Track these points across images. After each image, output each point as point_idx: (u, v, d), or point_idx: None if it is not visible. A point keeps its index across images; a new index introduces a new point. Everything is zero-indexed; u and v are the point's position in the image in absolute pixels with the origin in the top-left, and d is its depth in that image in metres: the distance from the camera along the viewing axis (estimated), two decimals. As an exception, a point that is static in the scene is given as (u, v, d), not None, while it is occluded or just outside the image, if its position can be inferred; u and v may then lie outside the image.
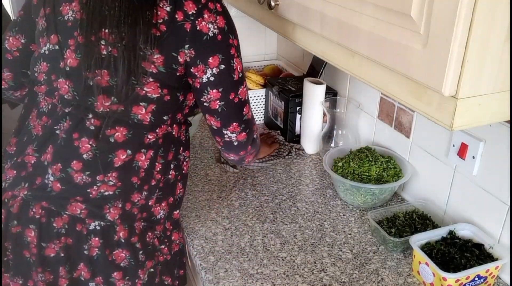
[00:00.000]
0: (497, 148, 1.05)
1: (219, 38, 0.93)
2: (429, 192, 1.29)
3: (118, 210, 1.01)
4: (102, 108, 0.94)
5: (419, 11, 0.67)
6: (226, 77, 0.97)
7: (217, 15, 0.92)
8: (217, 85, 0.97)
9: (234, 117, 1.02)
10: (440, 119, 0.71)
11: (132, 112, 0.95)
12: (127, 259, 1.04)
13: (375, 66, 0.81)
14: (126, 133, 0.97)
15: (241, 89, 1.01)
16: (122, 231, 1.02)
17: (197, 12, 0.90)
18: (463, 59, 0.64)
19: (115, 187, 0.99)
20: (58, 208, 0.99)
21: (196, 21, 0.90)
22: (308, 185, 1.43)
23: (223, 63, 0.95)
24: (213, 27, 0.92)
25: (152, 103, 0.95)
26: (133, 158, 0.99)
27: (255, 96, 1.77)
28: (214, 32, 0.92)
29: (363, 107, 1.50)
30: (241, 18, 1.97)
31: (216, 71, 0.95)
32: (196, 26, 0.90)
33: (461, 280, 1.00)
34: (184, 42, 0.91)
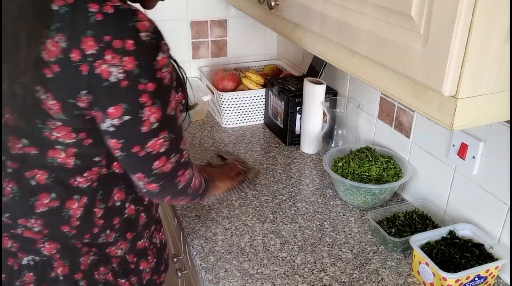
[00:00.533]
0: (497, 148, 1.05)
1: (124, 84, 0.75)
2: (429, 192, 1.29)
3: (56, 245, 0.90)
4: (16, 150, 0.84)
5: (419, 11, 0.67)
6: (130, 129, 0.79)
7: (124, 56, 0.73)
8: (117, 135, 0.80)
9: (138, 169, 0.85)
10: (440, 119, 0.71)
11: (48, 156, 0.84)
12: None
13: (375, 66, 0.81)
14: (47, 176, 0.85)
15: (153, 142, 0.81)
16: (61, 267, 0.91)
17: (97, 52, 0.73)
18: (463, 59, 0.64)
19: (42, 234, 0.89)
20: None
21: (94, 63, 0.73)
22: (308, 185, 1.43)
23: (127, 113, 0.77)
24: (117, 71, 0.74)
25: (70, 147, 0.83)
26: (63, 206, 0.87)
27: (255, 96, 1.77)
28: (118, 77, 0.74)
29: (363, 107, 1.50)
30: (241, 18, 1.97)
31: (118, 122, 0.78)
32: (94, 69, 0.73)
33: (461, 280, 1.00)
34: (80, 87, 0.75)
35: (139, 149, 0.81)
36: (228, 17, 1.97)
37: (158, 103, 0.79)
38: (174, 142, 0.85)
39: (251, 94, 1.76)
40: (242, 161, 1.41)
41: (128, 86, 0.75)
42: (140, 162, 0.84)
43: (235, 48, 2.03)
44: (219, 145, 1.66)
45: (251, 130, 1.77)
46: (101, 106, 0.77)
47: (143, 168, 0.85)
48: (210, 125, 1.81)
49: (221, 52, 2.02)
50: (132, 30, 0.74)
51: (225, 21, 1.97)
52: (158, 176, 0.86)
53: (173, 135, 0.85)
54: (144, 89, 0.77)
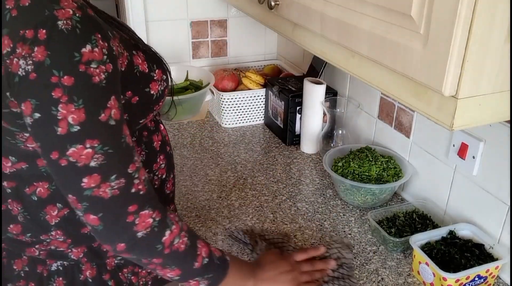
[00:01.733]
0: (497, 148, 1.05)
1: (32, 77, 0.66)
2: (429, 192, 1.29)
3: (83, 248, 0.88)
4: (9, 169, 0.81)
5: (419, 11, 0.67)
6: (44, 130, 0.69)
7: (35, 46, 0.65)
8: (35, 138, 0.71)
9: (66, 187, 0.73)
10: (440, 119, 0.71)
11: (39, 166, 0.80)
12: None
13: (375, 66, 0.81)
14: (48, 186, 0.81)
15: (75, 150, 0.69)
16: (90, 270, 0.89)
17: (11, 49, 0.67)
18: (463, 59, 0.64)
19: (67, 244, 0.86)
20: (16, 250, 0.88)
21: (7, 61, 0.67)
22: (308, 185, 1.44)
23: (37, 110, 0.68)
24: (25, 64, 0.66)
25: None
26: (73, 212, 0.82)
27: (255, 96, 1.77)
28: (26, 69, 0.66)
29: (363, 107, 1.50)
30: (241, 18, 1.97)
31: (30, 121, 0.69)
32: (8, 67, 0.67)
33: (461, 280, 1.00)
34: (5, 90, 0.69)
35: (58, 156, 0.70)
36: (228, 17, 1.97)
37: (79, 102, 0.68)
38: (113, 159, 0.72)
39: (251, 94, 1.76)
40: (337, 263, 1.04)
41: (37, 78, 0.66)
42: (66, 176, 0.71)
43: (235, 48, 2.03)
44: (219, 145, 1.66)
45: (251, 130, 1.77)
46: (19, 105, 0.70)
47: (71, 185, 0.72)
48: (210, 125, 1.81)
49: (221, 52, 2.02)
50: (48, 18, 0.66)
51: (225, 21, 1.97)
52: (93, 202, 0.72)
53: (112, 150, 0.71)
54: (57, 83, 0.66)
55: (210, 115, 1.89)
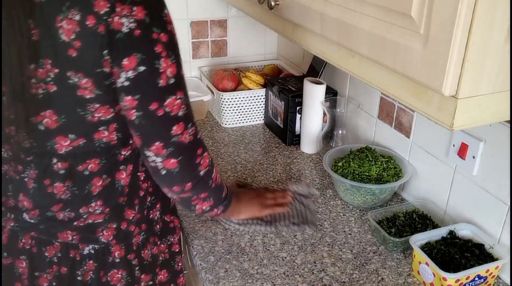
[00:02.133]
0: (497, 148, 1.05)
1: (137, 33, 0.75)
2: (429, 192, 1.29)
3: (112, 231, 0.95)
4: (64, 149, 0.85)
5: (419, 11, 0.67)
6: (146, 82, 0.78)
7: (133, 6, 0.74)
8: (133, 91, 0.79)
9: (157, 135, 0.83)
10: (440, 119, 0.71)
11: (96, 140, 0.86)
12: (124, 278, 0.99)
13: (375, 66, 0.81)
14: (99, 161, 0.88)
15: (171, 101, 0.80)
16: (118, 251, 0.97)
17: (110, 8, 0.73)
18: (463, 59, 0.64)
19: (104, 214, 0.93)
20: (48, 237, 0.93)
21: (108, 19, 0.74)
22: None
23: (142, 64, 0.77)
24: (128, 22, 0.74)
25: (110, 123, 0.85)
26: (113, 180, 0.90)
27: (255, 96, 1.77)
28: (130, 27, 0.74)
29: (363, 107, 1.50)
30: (241, 18, 1.97)
31: (133, 75, 0.77)
32: (109, 25, 0.74)
33: (461, 280, 1.00)
34: (102, 49, 0.76)
35: (157, 107, 0.80)
36: (228, 17, 1.97)
37: (173, 57, 0.79)
38: (189, 109, 0.85)
39: (251, 94, 1.76)
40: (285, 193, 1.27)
41: (141, 35, 0.75)
42: (159, 125, 0.81)
43: (235, 48, 2.03)
44: (219, 145, 1.66)
45: (251, 130, 1.77)
46: (116, 61, 0.77)
47: (162, 134, 0.82)
48: (210, 125, 1.81)
49: (221, 52, 2.02)
50: None
51: (225, 21, 1.97)
52: (177, 147, 0.84)
53: (188, 101, 0.84)
54: (158, 39, 0.77)
55: (210, 115, 1.89)
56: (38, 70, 0.78)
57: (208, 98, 1.78)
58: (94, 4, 0.73)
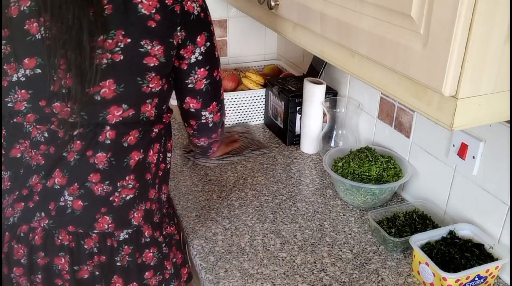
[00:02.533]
0: (497, 148, 1.05)
1: (202, 15, 0.95)
2: (429, 192, 1.29)
3: (141, 212, 1.01)
4: (115, 119, 0.93)
5: (419, 11, 0.67)
6: (211, 55, 1.00)
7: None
8: (205, 63, 0.99)
9: (215, 96, 1.05)
10: (440, 119, 0.71)
11: (141, 112, 0.95)
12: (155, 256, 1.05)
13: (375, 66, 0.81)
14: (138, 134, 0.97)
15: (219, 68, 1.04)
16: (147, 231, 1.03)
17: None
18: (463, 59, 0.64)
19: (134, 189, 0.99)
20: (85, 229, 0.97)
21: (183, 2, 0.92)
22: (308, 185, 1.44)
23: (208, 40, 0.97)
24: (196, 6, 0.94)
25: (155, 97, 0.96)
26: (146, 156, 0.99)
27: (255, 96, 1.77)
28: (198, 10, 0.94)
29: (363, 107, 1.50)
30: (241, 18, 1.97)
31: (204, 49, 0.97)
32: (184, 7, 0.92)
33: (461, 280, 1.00)
34: (176, 25, 0.91)
35: (217, 73, 1.02)
36: (228, 17, 1.97)
37: (215, 36, 1.00)
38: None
39: (251, 94, 1.76)
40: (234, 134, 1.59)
41: (204, 17, 0.96)
42: (216, 88, 1.04)
43: (235, 48, 2.03)
44: (219, 145, 1.66)
45: (251, 130, 1.77)
46: (191, 39, 0.94)
47: (217, 94, 1.05)
48: (210, 125, 1.81)
49: (221, 52, 2.02)
50: None
51: (225, 21, 1.97)
52: (222, 103, 1.09)
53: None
54: (210, 20, 0.98)
55: (210, 115, 1.89)
56: (107, 41, 0.87)
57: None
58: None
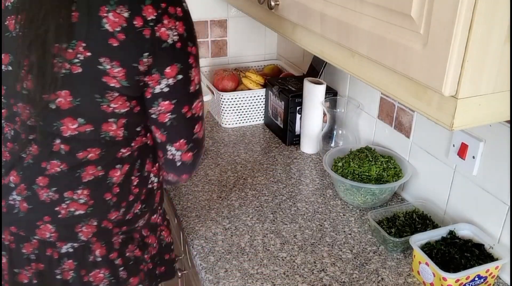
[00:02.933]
0: (497, 148, 1.05)
1: (178, 45, 0.85)
2: (429, 192, 1.29)
3: (93, 228, 0.94)
4: (69, 132, 0.87)
5: (419, 11, 0.67)
6: (182, 89, 0.89)
7: (177, 21, 0.85)
8: (170, 97, 0.89)
9: (183, 133, 0.94)
10: (440, 119, 0.71)
11: (102, 131, 0.88)
12: (106, 278, 0.97)
13: (375, 66, 0.81)
14: (100, 152, 0.90)
15: (196, 103, 0.93)
16: (99, 249, 0.95)
17: (156, 17, 0.82)
18: (463, 59, 0.64)
19: (87, 205, 0.92)
20: (26, 232, 0.93)
21: (155, 27, 0.82)
22: (308, 185, 1.44)
23: (180, 73, 0.88)
24: (173, 34, 0.84)
25: (122, 118, 0.89)
26: (106, 175, 0.92)
27: (255, 96, 1.77)
28: (174, 39, 0.84)
29: (363, 107, 1.50)
30: (241, 18, 1.97)
31: (173, 82, 0.88)
32: (155, 32, 0.83)
33: (461, 280, 1.00)
34: (143, 50, 0.83)
35: (187, 110, 0.92)
36: (228, 17, 1.97)
37: (198, 66, 0.91)
38: (203, 108, 0.97)
39: (251, 94, 1.76)
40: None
41: (181, 47, 0.86)
42: (186, 125, 0.93)
43: (235, 48, 2.03)
44: (219, 145, 1.66)
45: (251, 130, 1.77)
46: (159, 67, 0.85)
47: (187, 132, 0.94)
48: (210, 125, 1.81)
49: (221, 52, 2.02)
50: (178, 0, 0.86)
51: (225, 21, 1.97)
52: (195, 143, 0.97)
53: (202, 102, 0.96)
54: (191, 52, 0.88)
55: (210, 115, 1.89)
56: (67, 50, 0.82)
57: (208, 98, 1.78)
58: (143, 8, 0.81)
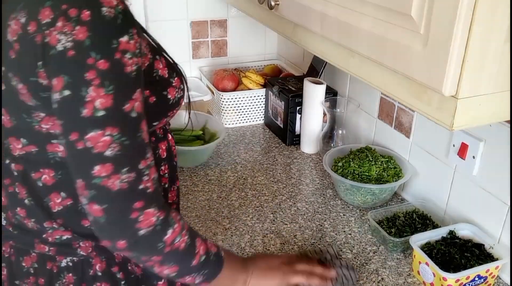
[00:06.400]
0: (497, 148, 1.05)
1: (70, 54, 0.68)
2: (429, 192, 1.29)
3: (90, 243, 0.87)
4: (18, 151, 0.80)
5: (419, 11, 0.67)
6: (69, 108, 0.70)
7: (77, 25, 0.67)
8: (58, 115, 0.71)
9: (77, 171, 0.72)
10: (440, 119, 0.71)
11: (49, 152, 0.78)
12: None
13: (375, 66, 0.81)
14: (54, 174, 0.80)
15: (94, 135, 0.69)
16: (99, 264, 0.89)
17: (51, 20, 0.68)
18: (463, 59, 0.64)
19: (70, 231, 0.85)
20: (25, 246, 0.88)
21: (46, 31, 0.68)
22: (308, 185, 1.44)
23: (68, 88, 0.68)
24: (66, 40, 0.67)
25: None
26: (76, 202, 0.81)
27: (255, 96, 1.77)
28: (65, 45, 0.67)
29: (363, 107, 1.50)
30: (241, 18, 1.97)
31: (59, 97, 0.69)
32: (45, 37, 0.68)
33: (461, 280, 1.00)
34: (37, 60, 0.70)
35: (77, 138, 0.70)
36: (228, 17, 1.97)
37: (109, 88, 0.69)
38: (128, 151, 0.72)
39: (251, 94, 1.76)
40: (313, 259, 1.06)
41: (74, 56, 0.67)
42: (80, 159, 0.71)
43: (235, 48, 2.03)
44: (219, 145, 1.66)
45: (251, 130, 1.77)
46: (50, 79, 0.70)
47: (82, 170, 0.71)
48: (210, 125, 1.81)
49: (221, 52, 2.02)
50: (93, 2, 0.68)
51: (225, 21, 1.97)
52: (100, 192, 0.71)
53: (128, 142, 0.71)
54: (92, 65, 0.68)
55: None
56: None
57: (208, 98, 1.78)
58: (40, 11, 0.68)
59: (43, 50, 0.68)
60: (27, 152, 0.79)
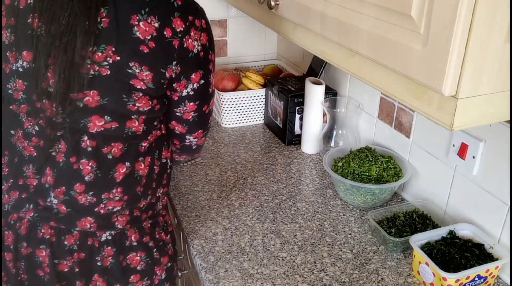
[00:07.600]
0: (497, 148, 1.05)
1: (202, 54, 0.96)
2: (429, 192, 1.29)
3: (126, 217, 1.02)
4: (96, 128, 0.93)
5: (419, 11, 0.67)
6: (204, 91, 1.01)
7: (202, 32, 0.95)
8: (195, 98, 1.01)
9: (201, 125, 1.08)
10: (440, 119, 0.71)
11: (126, 127, 0.95)
12: (143, 260, 1.06)
13: (375, 66, 0.81)
14: (122, 146, 0.97)
15: (212, 101, 1.07)
16: (134, 235, 1.04)
17: (184, 29, 0.91)
18: (463, 59, 0.64)
19: (122, 201, 1.00)
20: (67, 226, 1.00)
21: (183, 39, 0.91)
22: (308, 185, 1.44)
23: (203, 78, 0.99)
24: (198, 44, 0.94)
25: (143, 115, 0.96)
26: (133, 169, 0.99)
27: (255, 96, 1.77)
28: (198, 49, 0.95)
29: (363, 107, 1.50)
30: (241, 18, 1.97)
31: (197, 86, 0.99)
32: (183, 43, 0.92)
33: (461, 280, 1.00)
34: (172, 59, 0.92)
35: (207, 107, 1.05)
36: (228, 17, 1.97)
37: (214, 71, 1.03)
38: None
39: (251, 94, 1.76)
40: None
41: (204, 56, 0.96)
42: (205, 119, 1.08)
43: (235, 48, 2.03)
44: (219, 145, 1.66)
45: (251, 130, 1.77)
46: (186, 74, 0.96)
47: (205, 124, 1.09)
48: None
49: (221, 52, 2.02)
50: (202, 12, 0.96)
51: (225, 21, 1.97)
52: (208, 130, 1.13)
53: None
54: (211, 59, 0.99)
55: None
56: (96, 53, 0.87)
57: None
58: (173, 21, 0.89)
59: (180, 52, 0.92)
60: (106, 128, 0.94)
